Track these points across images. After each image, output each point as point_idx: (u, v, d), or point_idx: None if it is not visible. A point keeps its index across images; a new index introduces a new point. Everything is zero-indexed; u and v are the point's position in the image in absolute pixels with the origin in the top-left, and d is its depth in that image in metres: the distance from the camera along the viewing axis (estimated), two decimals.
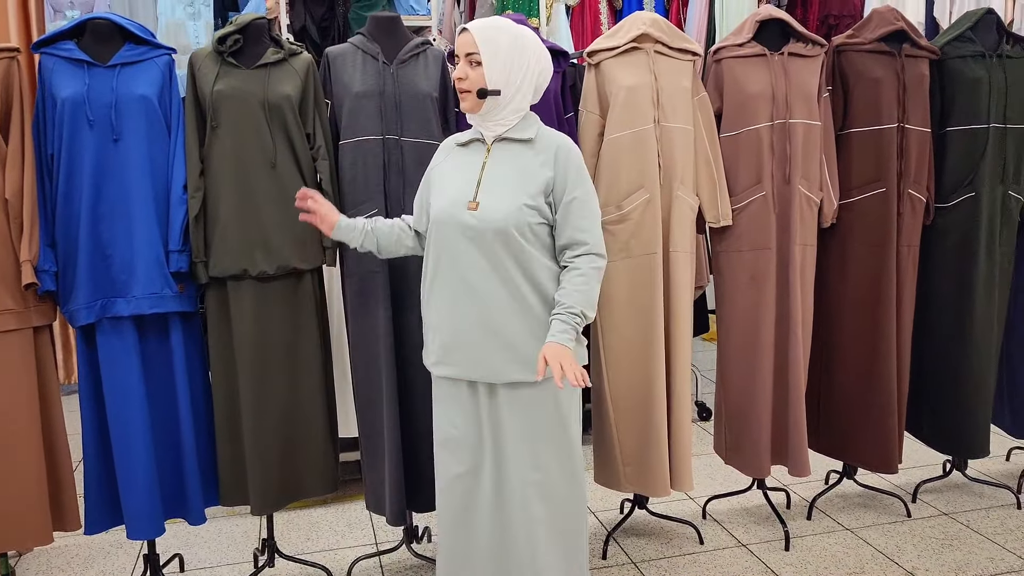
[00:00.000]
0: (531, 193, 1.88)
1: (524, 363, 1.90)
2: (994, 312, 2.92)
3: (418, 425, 2.50)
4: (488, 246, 1.87)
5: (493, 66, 1.87)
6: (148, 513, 2.36)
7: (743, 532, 2.93)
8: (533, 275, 1.90)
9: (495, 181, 1.90)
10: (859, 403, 2.88)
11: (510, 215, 1.86)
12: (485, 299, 1.89)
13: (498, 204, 1.87)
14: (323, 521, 3.10)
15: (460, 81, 1.90)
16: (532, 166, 1.90)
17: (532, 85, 1.93)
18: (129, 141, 2.25)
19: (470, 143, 2.01)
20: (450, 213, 1.91)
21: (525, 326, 1.90)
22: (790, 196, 2.66)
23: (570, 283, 1.88)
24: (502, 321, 1.89)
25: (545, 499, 1.96)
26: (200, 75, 2.32)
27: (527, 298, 1.89)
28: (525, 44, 1.91)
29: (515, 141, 1.94)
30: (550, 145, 1.92)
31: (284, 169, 2.34)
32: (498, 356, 1.90)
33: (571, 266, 1.90)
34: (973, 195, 2.83)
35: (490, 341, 1.90)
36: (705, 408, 4.20)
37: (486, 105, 1.90)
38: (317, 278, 2.49)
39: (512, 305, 1.89)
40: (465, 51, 1.89)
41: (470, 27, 1.90)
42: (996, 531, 2.90)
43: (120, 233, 2.25)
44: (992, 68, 2.81)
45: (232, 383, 2.40)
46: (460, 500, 2.02)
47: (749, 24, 2.71)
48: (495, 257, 1.87)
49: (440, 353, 1.99)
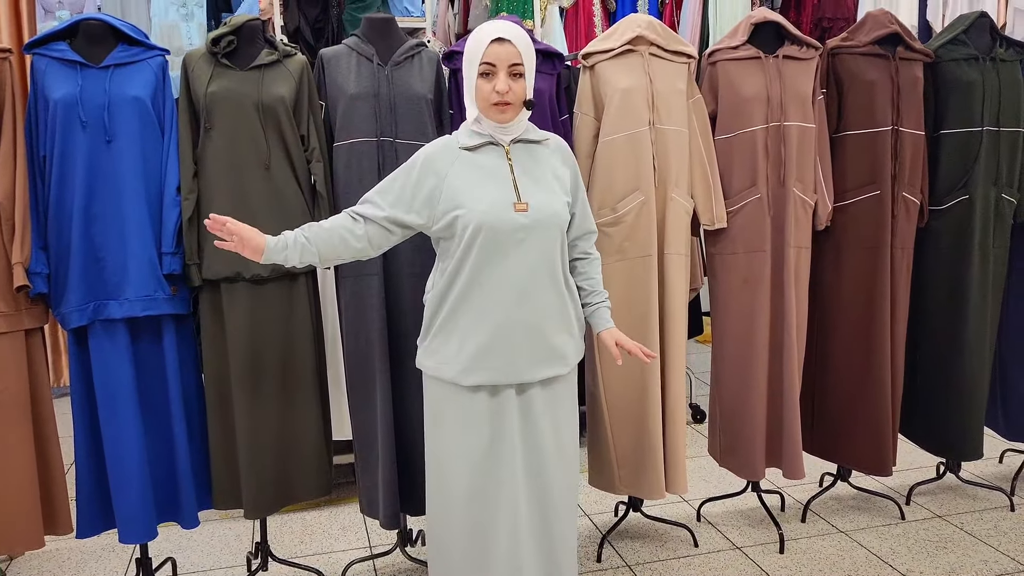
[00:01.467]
0: (564, 190, 1.98)
1: (561, 358, 1.98)
2: (987, 314, 2.92)
3: (412, 428, 2.49)
4: (540, 245, 1.91)
5: (531, 76, 1.92)
6: (140, 516, 2.35)
7: (737, 535, 2.93)
8: (565, 269, 2.00)
9: (532, 181, 1.93)
10: (853, 405, 2.89)
11: (559, 212, 1.93)
12: (533, 299, 1.91)
13: (547, 202, 1.92)
14: (316, 524, 3.09)
15: (503, 94, 1.84)
16: (553, 165, 1.98)
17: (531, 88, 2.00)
18: (122, 143, 2.23)
19: (481, 147, 1.93)
20: (497, 216, 1.86)
21: (561, 320, 1.98)
22: (785, 199, 2.66)
23: (596, 272, 2.08)
24: (547, 318, 1.94)
25: (569, 493, 2.04)
26: (194, 76, 2.31)
27: (563, 292, 1.98)
28: None
29: (530, 142, 1.97)
30: (558, 145, 2.02)
31: (278, 171, 2.33)
32: (539, 354, 1.94)
33: (588, 256, 2.07)
34: (967, 198, 2.84)
35: (535, 340, 1.93)
36: (699, 410, 4.20)
37: (522, 114, 1.94)
38: (311, 280, 2.48)
39: (555, 301, 1.96)
40: (508, 62, 1.84)
41: (511, 38, 1.84)
42: (989, 533, 2.90)
43: (113, 235, 2.24)
44: (985, 71, 2.81)
45: (225, 386, 2.39)
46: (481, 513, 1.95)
47: (744, 27, 2.71)
48: (546, 255, 1.92)
49: (469, 361, 1.91)
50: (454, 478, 1.96)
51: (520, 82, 1.87)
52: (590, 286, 2.06)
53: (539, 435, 1.97)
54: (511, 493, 1.94)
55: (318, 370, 2.50)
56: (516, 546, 1.95)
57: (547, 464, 1.98)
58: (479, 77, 1.86)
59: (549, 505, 1.99)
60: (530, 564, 1.96)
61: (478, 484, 1.95)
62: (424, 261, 2.46)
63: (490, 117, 1.89)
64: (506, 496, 1.94)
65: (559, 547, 2.01)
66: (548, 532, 2.00)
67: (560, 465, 2.01)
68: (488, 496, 1.95)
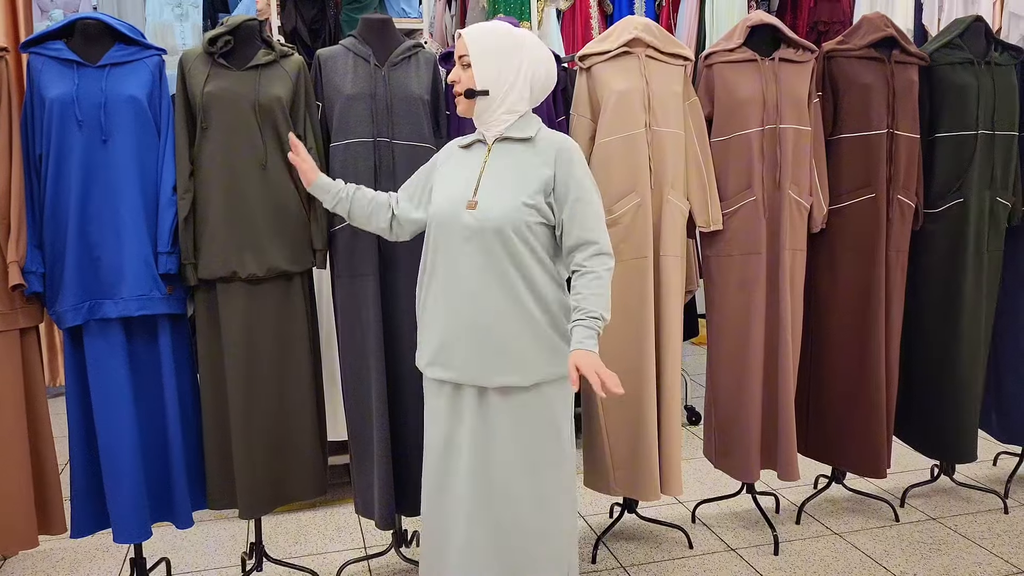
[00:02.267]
0: (530, 192, 1.87)
1: (518, 368, 1.89)
2: (981, 318, 2.93)
3: (408, 429, 2.49)
4: (486, 246, 1.86)
5: (481, 66, 1.89)
6: (135, 516, 2.34)
7: (732, 536, 2.93)
8: (530, 277, 1.89)
9: (494, 180, 1.90)
10: (848, 408, 2.89)
11: (508, 214, 1.85)
12: (481, 301, 1.89)
13: (496, 203, 1.87)
14: (311, 525, 3.08)
15: (454, 84, 1.94)
16: (532, 165, 1.90)
17: (527, 85, 1.93)
18: (118, 142, 2.23)
19: (472, 144, 2.01)
20: (450, 213, 1.91)
21: (520, 329, 1.89)
22: (780, 201, 2.66)
23: (586, 287, 1.84)
24: (497, 324, 1.88)
25: (538, 506, 1.94)
26: (190, 76, 2.31)
27: (524, 301, 1.88)
28: (517, 44, 1.92)
29: (515, 140, 1.94)
30: (551, 145, 1.92)
31: (274, 171, 2.33)
32: (491, 360, 1.89)
33: (583, 269, 1.87)
34: (961, 201, 2.84)
35: (484, 344, 1.89)
36: (695, 412, 4.20)
37: (478, 106, 1.92)
38: (307, 280, 2.48)
39: (508, 308, 1.88)
40: (459, 54, 1.93)
41: (463, 31, 1.93)
42: (983, 536, 2.91)
43: (108, 234, 2.24)
44: (980, 75, 2.83)
45: (220, 386, 2.38)
46: (440, 505, 2.02)
47: (740, 29, 2.72)
48: (492, 258, 1.87)
49: (432, 355, 1.98)
50: (425, 467, 2.05)
51: (468, 71, 1.91)
52: (575, 302, 1.85)
53: (493, 446, 1.93)
54: (462, 497, 1.96)
55: (313, 370, 2.50)
56: (468, 545, 1.96)
57: (500, 477, 1.93)
58: None
59: (502, 518, 1.93)
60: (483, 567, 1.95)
61: (439, 476, 2.01)
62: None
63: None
64: (458, 494, 1.97)
65: (520, 562, 1.94)
66: (504, 545, 1.94)
67: (521, 481, 1.93)
68: (445, 490, 2.00)
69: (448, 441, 1.98)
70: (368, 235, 2.40)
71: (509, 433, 1.92)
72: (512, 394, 1.92)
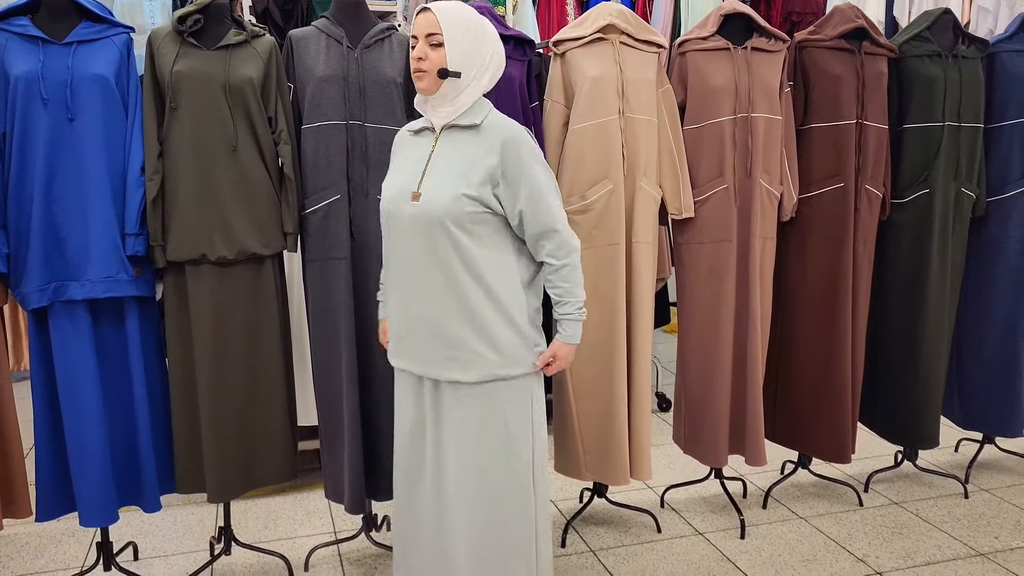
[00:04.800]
0: (472, 182, 1.82)
1: (464, 364, 1.87)
2: (945, 307, 2.99)
3: (378, 413, 2.49)
4: (429, 239, 1.83)
5: (454, 47, 1.83)
6: (101, 500, 2.32)
7: (700, 521, 2.97)
8: (476, 269, 1.84)
9: (439, 171, 1.86)
10: (814, 394, 2.94)
11: (448, 206, 1.81)
12: (426, 294, 1.87)
13: (437, 195, 1.83)
14: (281, 509, 3.07)
15: (419, 61, 1.84)
16: (477, 154, 1.84)
17: (489, 73, 1.90)
18: (85, 121, 2.19)
19: (421, 131, 1.97)
20: (395, 205, 1.90)
21: (468, 325, 1.85)
22: (751, 189, 2.69)
23: (566, 280, 1.90)
24: (444, 318, 1.86)
25: (486, 502, 1.92)
26: (159, 55, 2.27)
27: (469, 294, 1.84)
28: (485, 31, 1.89)
29: (462, 128, 1.89)
30: (496, 133, 1.85)
31: (245, 152, 2.30)
32: (440, 353, 1.88)
33: (557, 264, 1.89)
34: (928, 191, 2.89)
35: (433, 338, 1.88)
36: (665, 399, 4.24)
37: (444, 87, 1.85)
38: (278, 263, 2.46)
39: (454, 303, 1.85)
40: (426, 31, 1.84)
41: (432, 7, 1.85)
42: (943, 520, 2.97)
43: (74, 215, 2.20)
44: (948, 68, 2.86)
45: (189, 369, 2.36)
46: (407, 491, 2.02)
47: (713, 18, 2.73)
48: (436, 251, 1.83)
49: (393, 344, 2.00)
50: (396, 452, 2.06)
51: (439, 51, 1.83)
52: (558, 296, 1.91)
53: (445, 439, 1.92)
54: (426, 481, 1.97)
55: (284, 354, 2.48)
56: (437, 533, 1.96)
57: (451, 470, 1.91)
58: (412, 51, 1.88)
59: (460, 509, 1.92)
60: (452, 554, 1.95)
61: (407, 463, 2.02)
62: None
63: (417, 88, 1.89)
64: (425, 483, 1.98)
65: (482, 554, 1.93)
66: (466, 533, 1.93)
67: (470, 477, 1.90)
68: (413, 477, 2.01)
69: (413, 429, 1.99)
70: (341, 218, 2.39)
71: (457, 428, 1.91)
72: (461, 390, 1.89)
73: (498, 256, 1.87)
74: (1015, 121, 2.98)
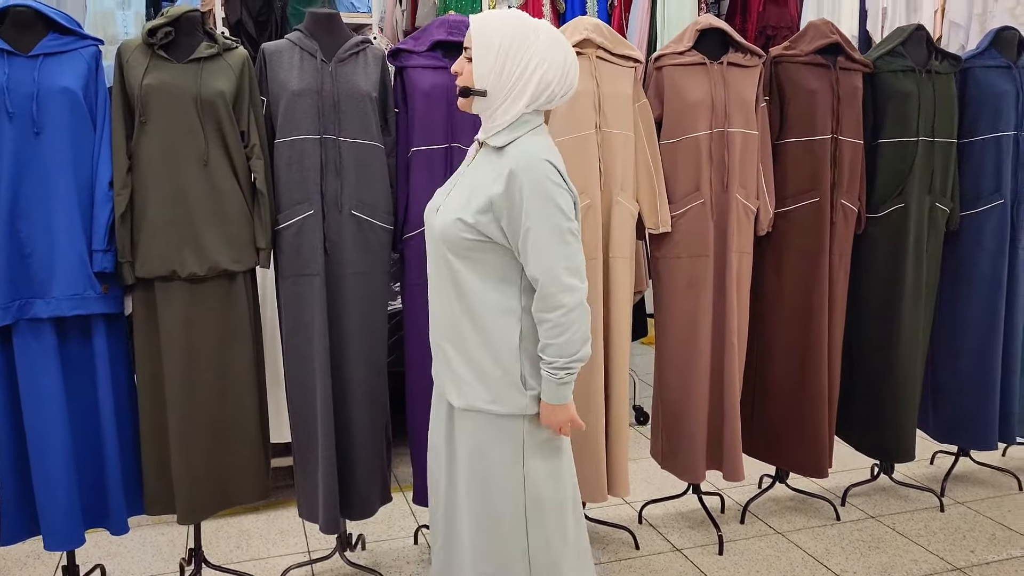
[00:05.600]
0: (471, 208, 1.71)
1: (457, 386, 1.79)
2: (920, 320, 3.00)
3: (352, 431, 2.45)
4: (438, 258, 1.80)
5: (482, 64, 1.70)
6: (67, 523, 2.27)
7: (678, 537, 2.95)
8: (466, 298, 1.75)
9: (459, 188, 1.79)
10: (791, 409, 2.93)
11: (444, 228, 1.74)
12: (434, 311, 1.86)
13: (444, 215, 1.76)
14: (253, 529, 3.02)
15: (457, 77, 1.78)
16: (485, 179, 1.72)
17: (534, 87, 1.70)
18: (51, 135, 2.15)
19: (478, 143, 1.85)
20: (428, 216, 1.85)
21: (460, 349, 1.78)
22: (728, 204, 2.68)
23: (545, 336, 1.69)
24: (445, 337, 1.81)
25: (478, 528, 1.82)
26: (128, 68, 2.23)
27: (459, 320, 1.77)
28: (528, 41, 1.70)
29: (491, 149, 1.76)
30: (512, 160, 1.68)
31: (216, 167, 2.26)
32: (442, 370, 1.85)
33: (539, 318, 1.70)
34: (903, 206, 2.91)
35: (440, 355, 1.85)
36: (643, 412, 4.23)
37: (476, 105, 1.75)
38: (250, 279, 2.42)
39: (450, 325, 1.79)
40: (467, 43, 1.76)
41: (471, 18, 1.74)
42: (920, 533, 2.98)
43: (40, 231, 2.15)
44: (921, 83, 2.89)
45: (159, 388, 2.31)
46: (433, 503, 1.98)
47: (689, 32, 2.73)
48: (439, 271, 1.80)
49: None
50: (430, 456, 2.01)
51: (470, 66, 1.74)
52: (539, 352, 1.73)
53: (457, 462, 1.85)
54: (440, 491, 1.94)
55: (256, 371, 2.44)
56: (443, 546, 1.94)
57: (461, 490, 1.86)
58: None
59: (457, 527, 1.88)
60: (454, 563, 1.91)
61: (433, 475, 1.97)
62: (369, 260, 2.42)
63: None
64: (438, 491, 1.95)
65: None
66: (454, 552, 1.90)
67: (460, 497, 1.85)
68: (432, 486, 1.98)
69: (434, 441, 1.96)
70: (314, 234, 2.35)
71: (466, 450, 1.83)
72: (455, 412, 1.83)
73: (493, 286, 1.74)
74: (987, 136, 3.01)
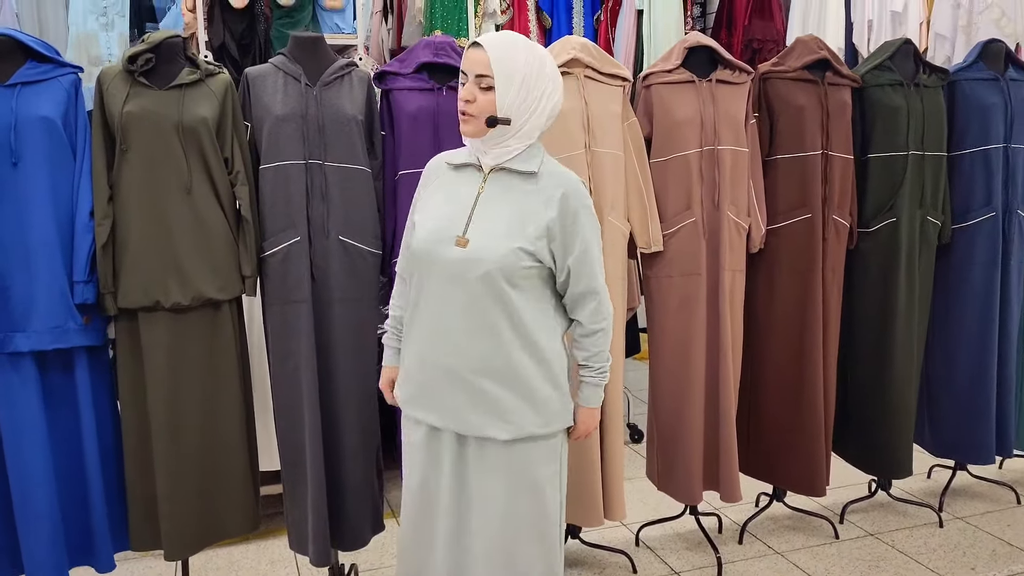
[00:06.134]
0: (529, 235, 1.70)
1: (501, 421, 1.73)
2: (914, 334, 2.98)
3: (342, 460, 2.41)
4: (474, 290, 1.69)
5: (507, 93, 1.67)
6: (51, 562, 2.23)
7: (676, 559, 2.91)
8: (523, 325, 1.72)
9: (489, 217, 1.72)
10: (787, 426, 2.90)
11: (503, 258, 1.68)
12: (466, 348, 1.72)
13: (490, 244, 1.69)
14: (244, 560, 2.96)
15: (466, 104, 1.69)
16: (533, 204, 1.71)
17: (546, 113, 1.74)
18: (29, 165, 2.11)
19: (464, 167, 1.81)
20: (434, 247, 1.73)
21: (508, 380, 1.73)
22: (719, 222, 2.66)
23: (594, 345, 1.82)
24: (483, 373, 1.72)
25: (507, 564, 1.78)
26: (108, 95, 2.19)
27: (513, 350, 1.72)
28: (543, 66, 1.72)
29: (516, 174, 1.74)
30: (557, 183, 1.72)
31: (200, 195, 2.22)
32: (473, 409, 1.73)
33: (583, 325, 1.81)
34: (894, 220, 2.89)
35: (466, 392, 1.73)
36: (637, 430, 4.19)
37: (493, 133, 1.71)
38: (236, 308, 2.38)
39: (496, 357, 1.72)
40: (476, 71, 1.68)
41: (485, 44, 1.68)
42: (920, 550, 2.95)
43: (18, 263, 2.11)
44: (910, 97, 2.88)
45: (144, 421, 2.27)
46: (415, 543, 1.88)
47: (677, 50, 2.72)
48: (481, 303, 1.70)
49: (411, 394, 1.83)
50: (403, 505, 1.91)
51: (488, 95, 1.67)
52: (584, 360, 1.84)
53: (470, 497, 1.78)
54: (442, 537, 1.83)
55: (244, 401, 2.40)
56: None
57: (475, 531, 1.78)
58: (461, 86, 1.74)
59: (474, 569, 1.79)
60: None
61: (415, 512, 1.88)
62: (357, 286, 2.39)
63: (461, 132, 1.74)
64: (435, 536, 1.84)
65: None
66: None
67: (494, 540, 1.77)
68: (421, 528, 1.87)
69: (423, 485, 1.84)
70: (301, 260, 2.32)
71: (487, 488, 1.77)
72: (489, 446, 1.75)
73: (541, 309, 1.76)
74: (976, 149, 3.00)
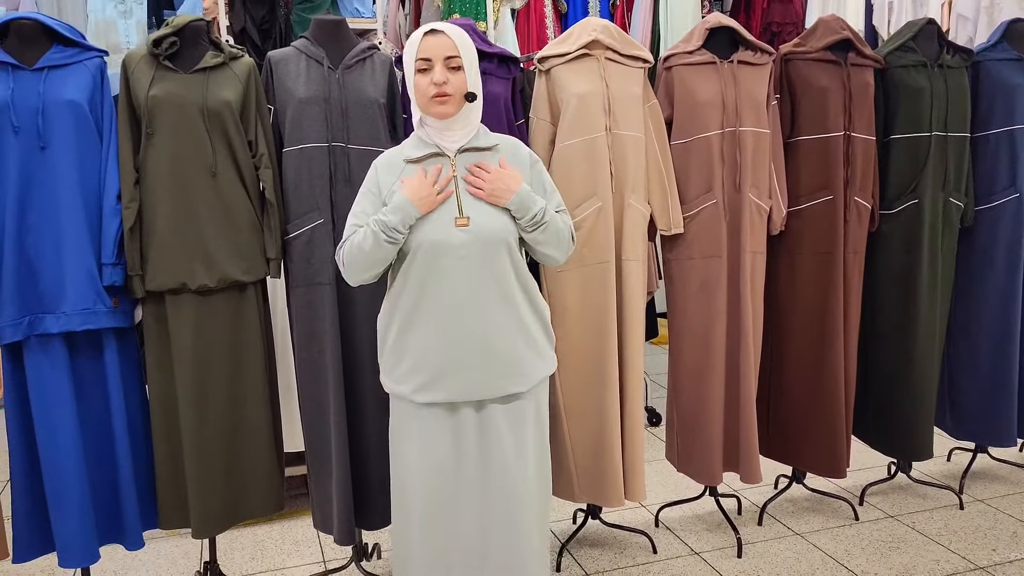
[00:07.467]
0: None
1: (521, 375, 1.91)
2: (936, 316, 2.97)
3: (367, 440, 2.43)
4: (485, 261, 1.84)
5: (472, 70, 1.86)
6: (81, 539, 2.25)
7: (696, 540, 2.92)
8: (524, 281, 1.92)
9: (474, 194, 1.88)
10: (807, 409, 2.90)
11: (505, 226, 1.86)
12: (483, 317, 1.85)
13: (489, 217, 1.85)
14: (268, 539, 3.00)
15: (443, 86, 1.82)
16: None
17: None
18: (57, 149, 2.13)
19: (426, 159, 1.90)
20: (438, 233, 1.83)
21: (520, 338, 1.90)
22: (740, 204, 2.65)
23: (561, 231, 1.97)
24: (500, 334, 1.87)
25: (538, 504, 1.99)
26: (134, 79, 2.21)
27: (522, 309, 1.90)
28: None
29: (480, 151, 1.92)
30: (509, 147, 1.95)
31: (224, 178, 2.24)
32: (497, 372, 1.87)
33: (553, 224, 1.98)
34: (916, 202, 2.87)
35: (487, 358, 1.86)
36: (655, 414, 4.20)
37: (463, 110, 1.87)
38: (260, 290, 2.40)
39: (509, 319, 1.88)
40: (443, 54, 1.83)
41: (447, 31, 1.84)
42: (940, 532, 2.95)
43: (48, 246, 2.13)
44: (933, 78, 2.85)
45: (171, 401, 2.29)
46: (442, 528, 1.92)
47: (699, 31, 2.70)
48: (493, 271, 1.85)
49: (428, 379, 1.88)
50: (415, 495, 1.93)
51: (459, 75, 1.84)
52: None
53: (500, 453, 1.91)
54: (471, 514, 1.90)
55: (269, 384, 2.42)
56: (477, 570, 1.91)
57: (511, 483, 1.91)
58: (416, 74, 1.84)
59: (514, 526, 1.92)
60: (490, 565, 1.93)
61: (437, 502, 1.91)
62: None
63: (431, 113, 1.86)
64: (466, 516, 1.91)
65: (527, 568, 1.94)
66: (515, 553, 1.92)
67: (526, 484, 1.93)
68: (446, 515, 1.91)
69: (451, 466, 1.90)
70: (325, 243, 2.33)
71: (513, 441, 1.92)
72: (512, 401, 1.92)
73: (525, 265, 1.96)
74: (1000, 130, 2.97)
